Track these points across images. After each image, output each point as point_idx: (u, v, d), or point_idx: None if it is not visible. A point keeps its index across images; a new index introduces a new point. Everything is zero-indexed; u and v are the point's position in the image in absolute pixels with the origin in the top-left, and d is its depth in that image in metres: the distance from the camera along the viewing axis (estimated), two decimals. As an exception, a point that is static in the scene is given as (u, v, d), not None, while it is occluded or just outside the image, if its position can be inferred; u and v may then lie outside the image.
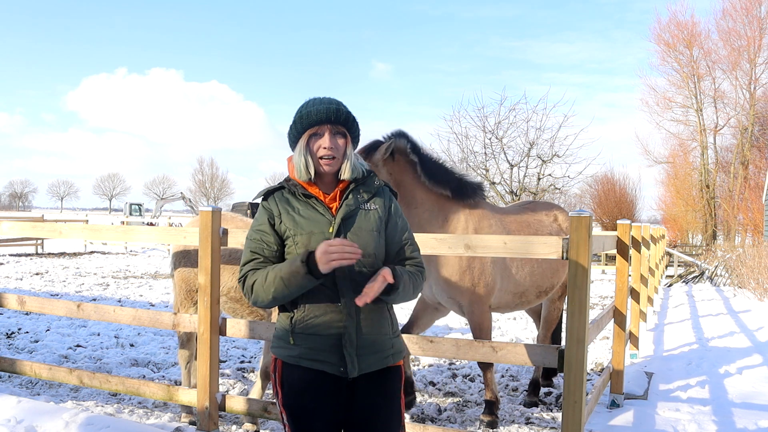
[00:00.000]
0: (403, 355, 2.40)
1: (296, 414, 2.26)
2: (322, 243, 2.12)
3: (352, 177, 2.33)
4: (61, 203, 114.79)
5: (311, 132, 2.29)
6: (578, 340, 3.36)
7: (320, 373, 2.24)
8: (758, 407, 5.28)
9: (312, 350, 2.23)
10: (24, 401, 4.56)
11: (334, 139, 2.28)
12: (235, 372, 6.39)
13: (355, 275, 2.24)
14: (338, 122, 2.29)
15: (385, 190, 2.43)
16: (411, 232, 2.45)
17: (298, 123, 2.30)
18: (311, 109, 2.28)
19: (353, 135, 2.36)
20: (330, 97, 2.34)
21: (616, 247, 5.26)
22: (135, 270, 17.65)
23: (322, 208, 2.29)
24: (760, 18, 32.29)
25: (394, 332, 2.36)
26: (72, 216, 53.55)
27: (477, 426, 4.93)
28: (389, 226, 2.37)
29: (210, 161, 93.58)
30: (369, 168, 2.43)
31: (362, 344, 2.25)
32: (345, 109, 2.31)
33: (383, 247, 2.34)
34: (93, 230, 4.92)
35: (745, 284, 13.10)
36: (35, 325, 8.55)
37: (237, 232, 4.23)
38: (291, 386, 2.26)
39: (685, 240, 38.48)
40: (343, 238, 2.23)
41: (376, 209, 2.34)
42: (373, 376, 2.28)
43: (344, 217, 2.28)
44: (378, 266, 2.30)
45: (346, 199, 2.31)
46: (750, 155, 32.69)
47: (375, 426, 2.29)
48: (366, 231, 2.29)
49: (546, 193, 29.96)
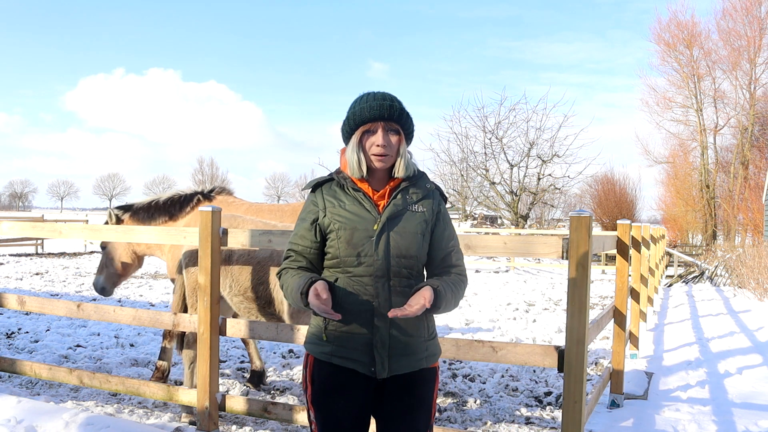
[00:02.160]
0: (438, 358, 2.35)
1: (324, 411, 2.25)
2: (321, 285, 2.10)
3: (406, 175, 2.28)
4: (61, 203, 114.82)
5: (364, 129, 2.25)
6: (578, 340, 3.36)
7: (351, 372, 2.22)
8: (758, 407, 5.28)
9: (344, 348, 2.21)
10: (24, 401, 4.56)
11: (387, 136, 2.24)
12: (235, 372, 6.39)
13: (393, 276, 2.21)
14: (392, 119, 2.24)
15: (435, 194, 2.37)
16: (457, 239, 2.40)
17: (351, 119, 2.27)
18: (364, 105, 2.24)
19: (407, 132, 2.31)
20: (384, 92, 2.29)
21: (616, 247, 5.26)
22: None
23: (369, 204, 2.25)
24: (760, 18, 32.29)
25: (429, 335, 2.31)
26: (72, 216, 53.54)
27: (477, 426, 4.94)
28: (436, 231, 2.32)
29: (210, 161, 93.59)
30: (419, 169, 2.38)
31: (394, 346, 2.21)
32: (399, 105, 2.26)
33: (426, 250, 2.30)
34: (93, 230, 4.92)
35: (745, 284, 13.10)
36: (35, 325, 8.55)
37: (237, 232, 4.23)
38: (321, 383, 2.26)
39: (685, 240, 38.49)
40: (386, 237, 2.21)
41: (424, 212, 2.29)
42: (405, 378, 2.25)
43: (390, 216, 2.24)
44: (418, 269, 2.28)
45: (395, 198, 2.26)
46: (750, 155, 32.68)
47: (401, 427, 2.27)
48: (410, 233, 2.24)
49: (546, 193, 29.95)
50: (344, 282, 2.22)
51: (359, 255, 2.20)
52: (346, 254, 2.22)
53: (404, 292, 2.23)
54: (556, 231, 27.69)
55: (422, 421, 2.29)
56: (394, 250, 2.21)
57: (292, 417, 4.07)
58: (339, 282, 2.23)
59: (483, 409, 5.37)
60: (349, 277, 2.21)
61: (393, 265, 2.21)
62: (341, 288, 2.22)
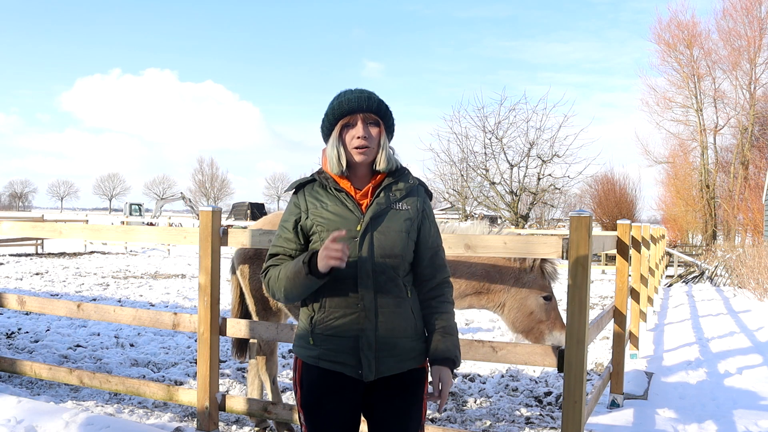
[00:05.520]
0: (426, 357, 2.32)
1: (313, 414, 2.24)
2: (328, 238, 2.08)
3: (388, 168, 2.26)
4: (61, 203, 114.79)
5: (344, 122, 2.23)
6: (578, 340, 3.36)
7: (339, 375, 2.21)
8: (758, 407, 5.29)
9: (331, 351, 2.20)
10: (24, 401, 4.56)
11: (367, 128, 2.22)
12: (235, 372, 6.39)
13: (378, 276, 2.19)
14: (371, 110, 2.22)
15: (419, 189, 2.34)
16: (440, 236, 2.37)
17: (330, 114, 2.25)
18: (342, 99, 2.23)
19: (387, 124, 2.28)
20: (361, 88, 2.28)
21: (616, 247, 5.26)
22: (135, 270, 17.65)
23: (352, 204, 2.22)
24: (760, 18, 32.29)
25: (416, 335, 2.27)
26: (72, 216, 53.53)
27: (477, 426, 4.94)
28: (422, 229, 2.29)
29: (210, 161, 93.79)
30: (402, 164, 2.35)
31: (381, 347, 2.18)
32: (377, 98, 2.25)
33: (411, 248, 2.27)
34: (93, 230, 4.92)
35: (745, 284, 13.10)
36: (35, 325, 8.56)
37: (237, 232, 4.23)
38: (310, 386, 2.24)
39: (685, 240, 38.48)
40: (369, 237, 2.19)
41: (408, 209, 2.26)
42: (394, 379, 2.24)
43: (373, 216, 2.20)
44: (404, 268, 2.25)
45: (378, 197, 2.23)
46: (750, 155, 32.68)
47: (392, 429, 2.26)
48: (395, 231, 2.22)
49: (546, 193, 29.96)
50: (328, 284, 2.18)
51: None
52: None
53: (390, 293, 2.20)
54: (556, 231, 27.67)
55: (413, 421, 2.28)
56: (378, 250, 2.19)
57: (292, 417, 4.07)
58: (323, 285, 2.19)
59: (483, 409, 5.37)
60: (334, 278, 2.16)
61: (378, 266, 2.18)
62: (326, 290, 2.19)
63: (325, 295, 2.20)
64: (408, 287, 2.28)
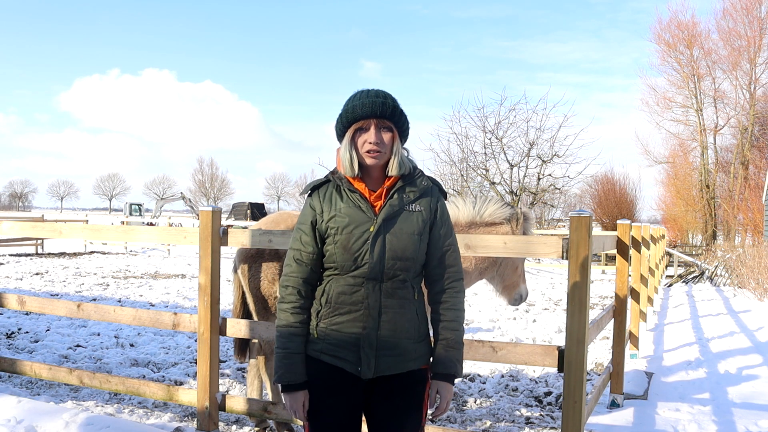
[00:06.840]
0: (428, 359, 2.32)
1: (313, 408, 2.26)
2: (299, 398, 2.25)
3: (399, 173, 2.25)
4: (61, 203, 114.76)
5: (357, 126, 2.23)
6: (578, 340, 3.37)
7: (339, 370, 2.23)
8: (758, 407, 5.28)
9: (333, 346, 2.22)
10: (24, 401, 4.56)
11: (379, 134, 2.21)
12: (235, 372, 6.39)
13: (386, 278, 2.21)
14: (384, 116, 2.22)
15: (433, 190, 2.33)
16: (454, 236, 2.36)
17: (344, 117, 2.25)
18: (356, 102, 2.22)
19: (401, 129, 2.28)
20: (377, 90, 2.26)
21: (616, 247, 5.26)
22: (135, 270, 17.65)
23: (366, 205, 2.23)
24: (760, 18, 32.30)
25: (419, 336, 2.28)
26: (72, 216, 53.53)
27: (477, 426, 4.94)
28: (434, 230, 2.29)
29: (210, 161, 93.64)
30: (416, 165, 2.35)
31: (382, 346, 2.20)
32: (392, 103, 2.24)
33: (423, 250, 2.27)
34: (93, 230, 4.92)
35: (745, 284, 13.10)
36: (35, 325, 8.56)
37: (237, 232, 4.23)
38: (311, 381, 2.26)
39: (685, 240, 38.49)
40: (382, 239, 2.20)
41: (421, 211, 2.26)
42: (395, 379, 2.24)
43: (386, 217, 2.21)
44: (415, 270, 2.26)
45: (391, 198, 2.24)
46: (750, 155, 32.69)
47: (390, 428, 2.26)
48: (407, 234, 2.22)
49: (546, 193, 29.99)
50: (337, 281, 2.23)
51: (356, 258, 2.20)
52: (342, 257, 2.21)
53: (396, 294, 2.22)
54: (556, 231, 27.68)
55: (412, 422, 2.29)
56: (389, 252, 2.20)
57: (292, 417, 4.07)
58: (332, 282, 2.24)
59: (483, 409, 5.38)
60: (344, 277, 2.21)
61: (387, 268, 2.20)
62: (335, 287, 2.23)
63: (333, 292, 2.23)
64: (416, 289, 2.29)
